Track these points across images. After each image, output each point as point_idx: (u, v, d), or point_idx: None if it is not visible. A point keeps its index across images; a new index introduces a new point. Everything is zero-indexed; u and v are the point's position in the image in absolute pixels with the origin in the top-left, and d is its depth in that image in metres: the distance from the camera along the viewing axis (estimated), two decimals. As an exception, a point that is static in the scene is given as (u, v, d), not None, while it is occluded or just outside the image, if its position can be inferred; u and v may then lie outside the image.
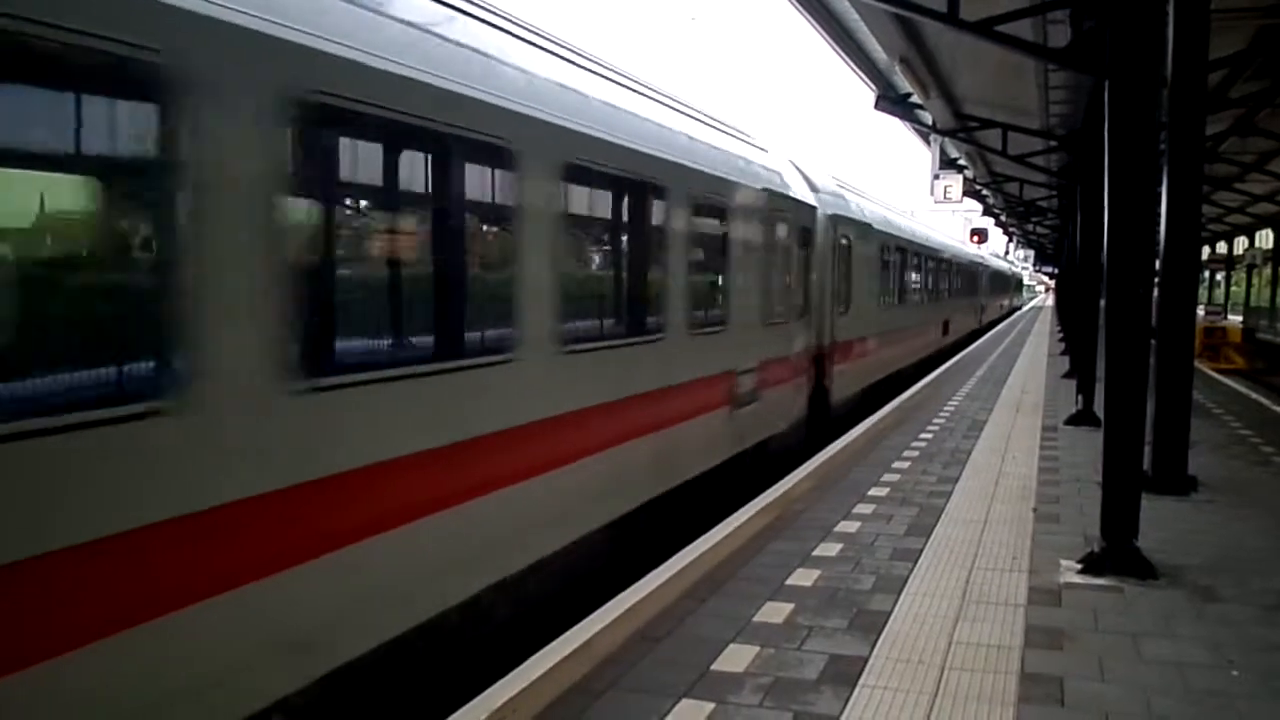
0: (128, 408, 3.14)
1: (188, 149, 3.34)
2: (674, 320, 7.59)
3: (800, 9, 12.21)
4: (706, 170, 8.26)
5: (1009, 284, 64.35)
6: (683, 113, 8.47)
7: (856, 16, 12.25)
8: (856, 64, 14.97)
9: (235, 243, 3.55)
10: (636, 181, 6.95)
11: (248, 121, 3.58)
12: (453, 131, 4.76)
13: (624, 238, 7.19)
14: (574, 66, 6.51)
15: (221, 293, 3.48)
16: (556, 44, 6.35)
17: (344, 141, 4.32)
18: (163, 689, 3.28)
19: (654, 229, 7.36)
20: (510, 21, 5.74)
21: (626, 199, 7.00)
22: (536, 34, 6.09)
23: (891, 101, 17.05)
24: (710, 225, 8.56)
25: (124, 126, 3.34)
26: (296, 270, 3.82)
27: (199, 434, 3.38)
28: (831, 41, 13.70)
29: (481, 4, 5.48)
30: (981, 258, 41.95)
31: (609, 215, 7.04)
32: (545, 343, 5.64)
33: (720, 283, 8.87)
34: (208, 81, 3.40)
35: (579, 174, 6.09)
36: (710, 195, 8.36)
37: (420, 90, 4.50)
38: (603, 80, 6.91)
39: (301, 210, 3.98)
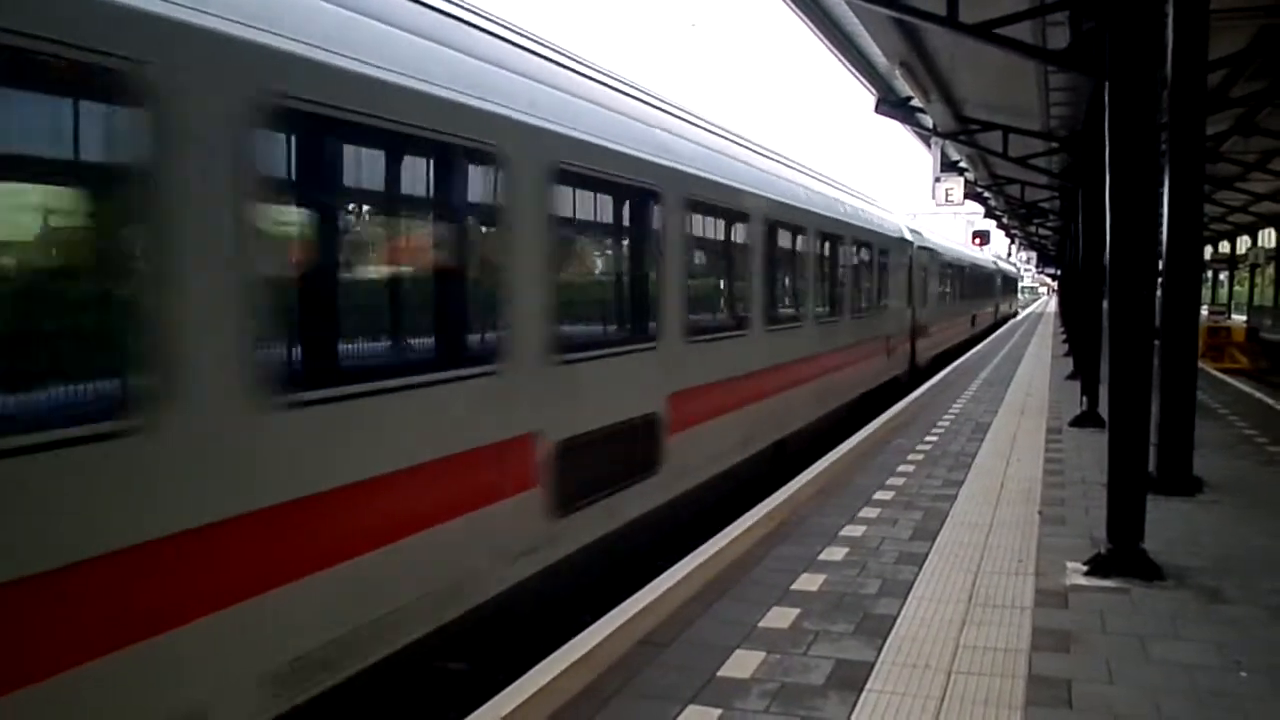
0: None
1: None
2: None
3: (799, 14, 12.22)
4: None
5: (992, 286, 45.53)
6: None
7: (856, 21, 12.26)
8: (856, 68, 14.97)
9: None
10: None
11: None
12: None
13: None
14: None
15: None
16: None
17: None
18: None
19: None
20: None
21: None
22: None
23: (892, 105, 17.05)
24: None
25: None
26: None
27: None
28: (831, 46, 13.71)
29: None
30: (919, 234, 21.22)
31: None
32: None
33: None
34: None
35: None
36: None
37: None
38: None
39: None
